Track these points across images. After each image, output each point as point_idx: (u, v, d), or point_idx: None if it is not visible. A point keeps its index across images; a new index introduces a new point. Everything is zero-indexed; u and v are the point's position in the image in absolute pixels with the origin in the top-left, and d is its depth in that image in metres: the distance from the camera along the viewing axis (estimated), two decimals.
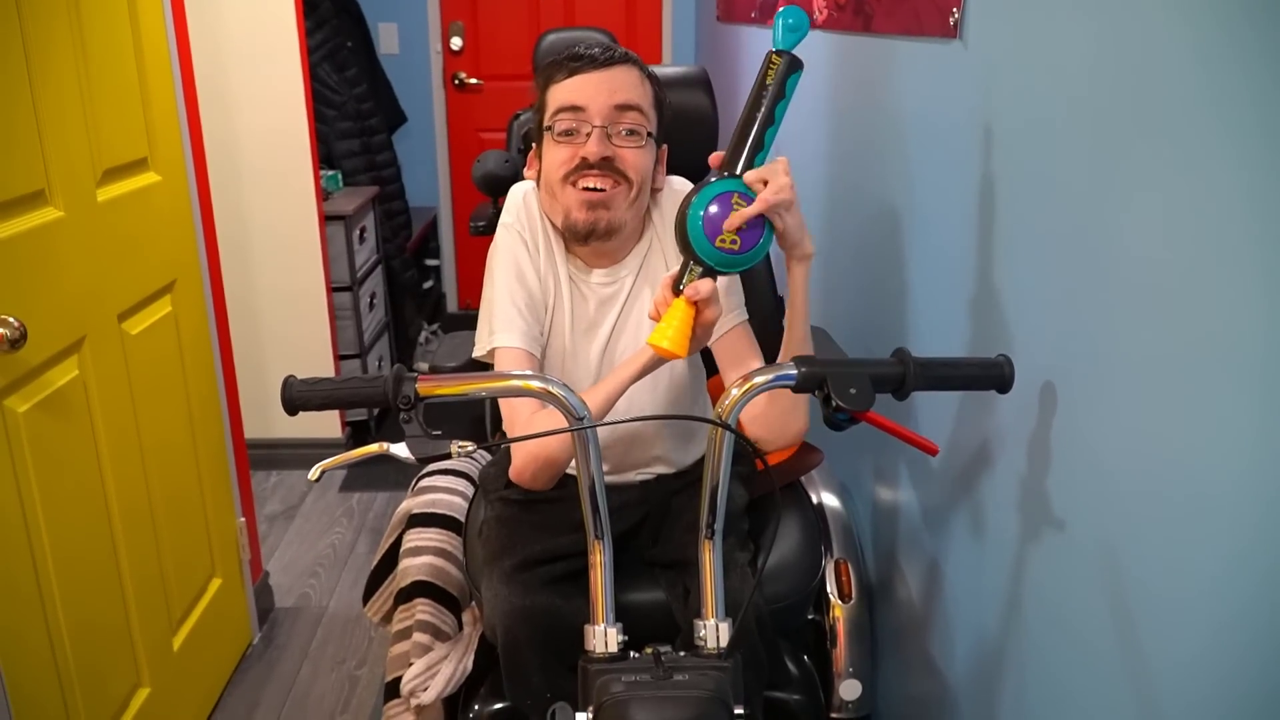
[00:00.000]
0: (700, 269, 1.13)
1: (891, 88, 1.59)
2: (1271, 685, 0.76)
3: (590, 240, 1.38)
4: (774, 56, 1.12)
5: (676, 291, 1.14)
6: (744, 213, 1.09)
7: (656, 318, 1.15)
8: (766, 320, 1.58)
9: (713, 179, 1.12)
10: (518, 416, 1.34)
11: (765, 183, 1.11)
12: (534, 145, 1.43)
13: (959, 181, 1.29)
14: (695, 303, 1.13)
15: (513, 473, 1.33)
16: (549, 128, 1.36)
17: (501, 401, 1.47)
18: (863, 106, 1.75)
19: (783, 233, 1.14)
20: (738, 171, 1.13)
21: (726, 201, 1.10)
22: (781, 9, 1.12)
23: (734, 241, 1.10)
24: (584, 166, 1.32)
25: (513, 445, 1.35)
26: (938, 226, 1.39)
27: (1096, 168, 0.96)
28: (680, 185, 1.49)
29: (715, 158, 1.17)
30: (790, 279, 1.22)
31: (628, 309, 1.44)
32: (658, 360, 1.25)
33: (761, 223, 1.11)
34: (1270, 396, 0.73)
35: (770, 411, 1.33)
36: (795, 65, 1.12)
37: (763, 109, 1.12)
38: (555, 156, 1.35)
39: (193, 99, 2.04)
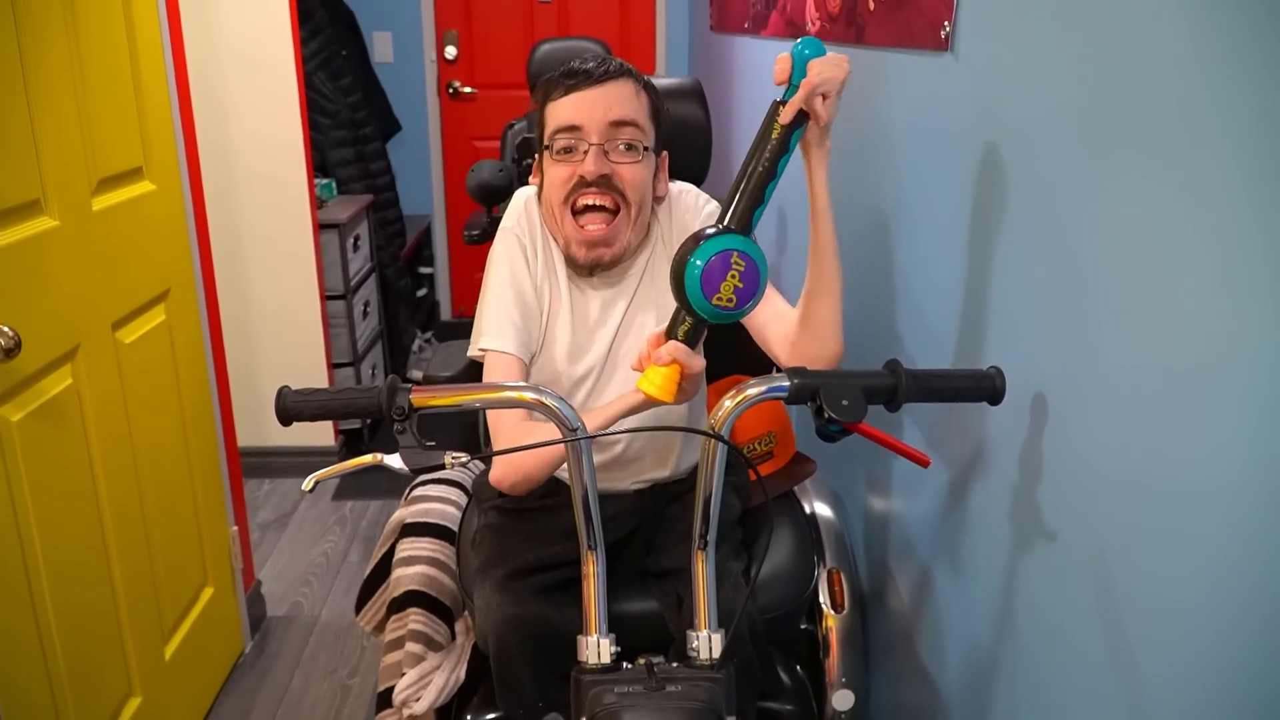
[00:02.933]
0: (692, 320, 1.13)
1: (883, 99, 1.60)
2: (1262, 693, 0.76)
3: (595, 274, 1.41)
4: (778, 109, 1.11)
5: (667, 337, 1.14)
6: (793, 102, 1.09)
7: (639, 369, 1.16)
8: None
9: (710, 231, 1.10)
10: (503, 423, 1.35)
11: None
12: (535, 156, 1.44)
13: (950, 193, 1.30)
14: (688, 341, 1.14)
15: (493, 478, 1.34)
16: (548, 146, 1.37)
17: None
18: (854, 118, 1.75)
19: (825, 122, 1.12)
20: (733, 224, 1.11)
21: (726, 260, 1.07)
22: (796, 57, 1.11)
23: (730, 300, 1.08)
24: (582, 185, 1.34)
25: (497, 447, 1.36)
26: (929, 238, 1.40)
27: (1087, 179, 0.97)
28: (684, 190, 1.49)
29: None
30: (814, 185, 1.19)
31: (632, 313, 1.45)
32: (645, 404, 1.23)
33: (756, 279, 1.09)
34: (1261, 405, 0.74)
35: (805, 332, 1.29)
36: (801, 119, 1.12)
37: (765, 163, 1.11)
38: (555, 176, 1.36)
39: (188, 108, 2.04)
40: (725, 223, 1.11)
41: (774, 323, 1.34)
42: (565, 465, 1.16)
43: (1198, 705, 0.83)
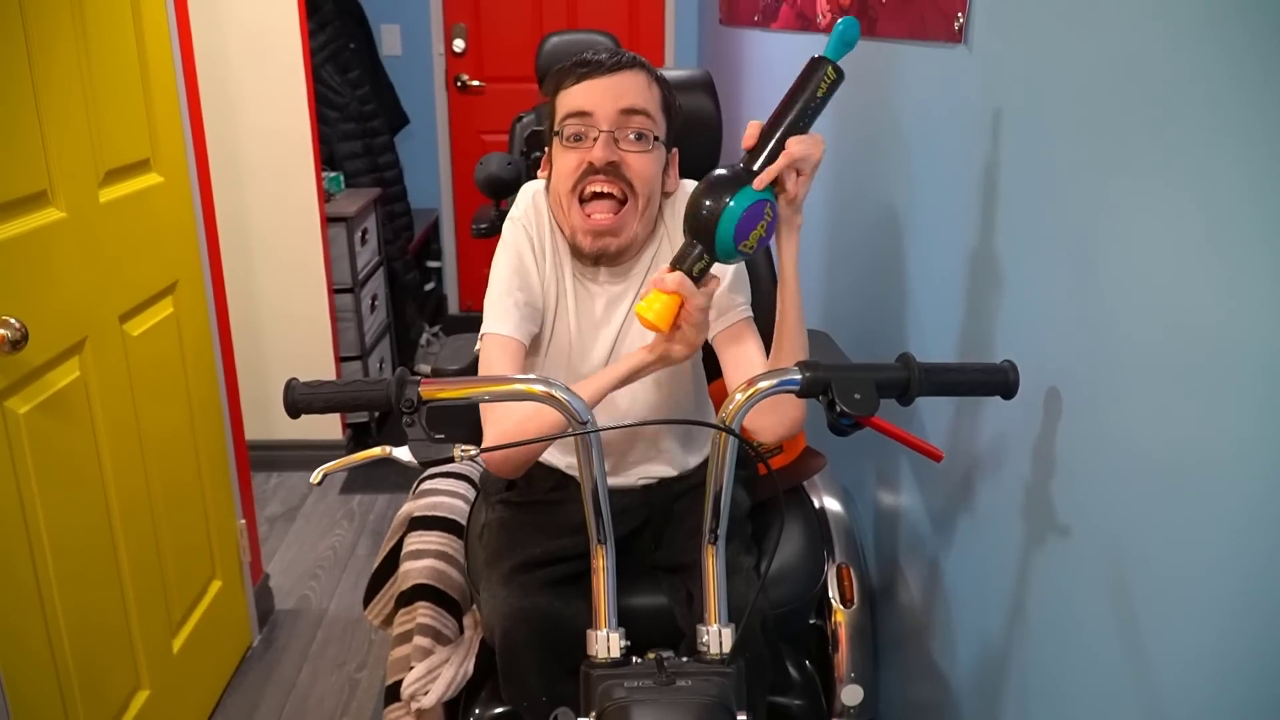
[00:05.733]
0: (708, 259, 1.14)
1: (896, 92, 1.59)
2: (1276, 691, 0.75)
3: (600, 264, 1.40)
4: (830, 70, 1.12)
5: (674, 267, 1.14)
6: (768, 172, 1.11)
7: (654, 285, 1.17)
8: (768, 318, 1.58)
9: (742, 171, 1.13)
10: (495, 405, 1.34)
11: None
12: (545, 149, 1.43)
13: (963, 185, 1.29)
14: (695, 278, 1.14)
15: (484, 456, 1.33)
16: (558, 133, 1.36)
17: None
18: (867, 110, 1.74)
19: (797, 200, 1.15)
20: (756, 167, 1.13)
21: (760, 210, 1.11)
22: (842, 21, 1.12)
23: (751, 246, 1.12)
24: (591, 171, 1.33)
25: (484, 431, 1.35)
26: (942, 230, 1.39)
27: (1101, 171, 0.96)
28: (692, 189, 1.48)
29: (751, 136, 1.15)
30: (784, 258, 1.21)
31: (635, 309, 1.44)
32: (650, 365, 1.24)
33: (774, 227, 1.13)
34: (1275, 397, 0.73)
35: (764, 404, 1.31)
36: (840, 79, 1.14)
37: (804, 116, 1.13)
38: (564, 163, 1.35)
39: (195, 100, 2.04)
40: (757, 168, 1.13)
41: (739, 368, 1.36)
42: (573, 460, 1.16)
43: (1211, 700, 0.82)
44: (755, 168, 1.13)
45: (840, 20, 1.12)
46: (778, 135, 1.13)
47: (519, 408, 1.30)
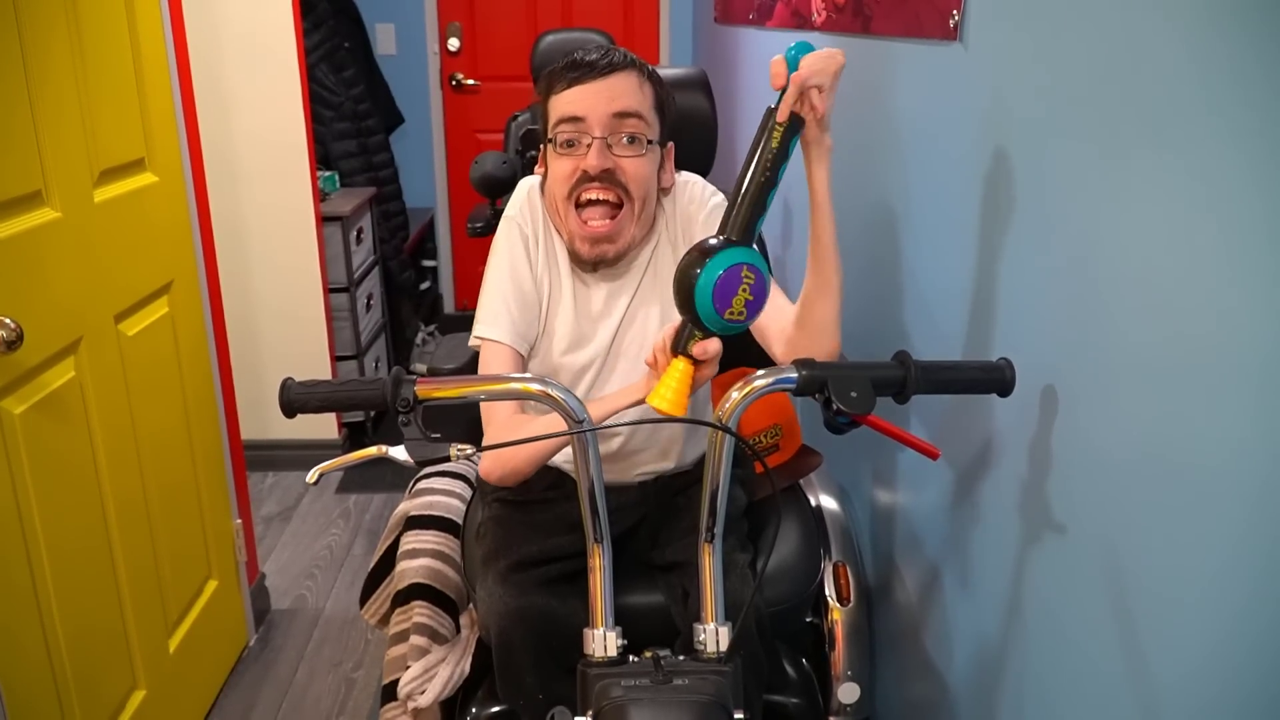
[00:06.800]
0: (700, 334, 1.11)
1: (890, 90, 1.59)
2: (1274, 691, 0.75)
3: (598, 269, 1.41)
4: (775, 115, 1.10)
5: (675, 352, 1.12)
6: (787, 98, 1.08)
7: (653, 365, 1.16)
8: None
9: (714, 244, 1.08)
10: (496, 415, 1.34)
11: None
12: (540, 148, 1.43)
13: (959, 184, 1.29)
14: (698, 360, 1.12)
15: (481, 470, 1.34)
16: (551, 139, 1.36)
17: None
18: (862, 108, 1.74)
19: (821, 117, 1.11)
20: (735, 235, 1.09)
21: (737, 275, 1.06)
22: (790, 60, 1.09)
23: (741, 313, 1.08)
24: (585, 179, 1.33)
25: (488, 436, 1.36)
26: (938, 229, 1.39)
27: (1097, 170, 0.96)
28: (690, 180, 1.48)
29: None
30: (814, 182, 1.18)
31: (636, 305, 1.44)
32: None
33: (764, 290, 1.08)
34: (1272, 396, 0.73)
35: (801, 331, 1.28)
36: (797, 125, 1.11)
37: (765, 172, 1.09)
38: (558, 170, 1.35)
39: (190, 99, 2.03)
40: (728, 234, 1.10)
41: (773, 318, 1.32)
42: (570, 457, 1.16)
43: (1208, 702, 0.82)
44: (728, 233, 1.09)
45: (791, 46, 1.10)
46: (739, 191, 1.10)
47: (519, 421, 1.30)
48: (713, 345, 1.11)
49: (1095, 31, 0.96)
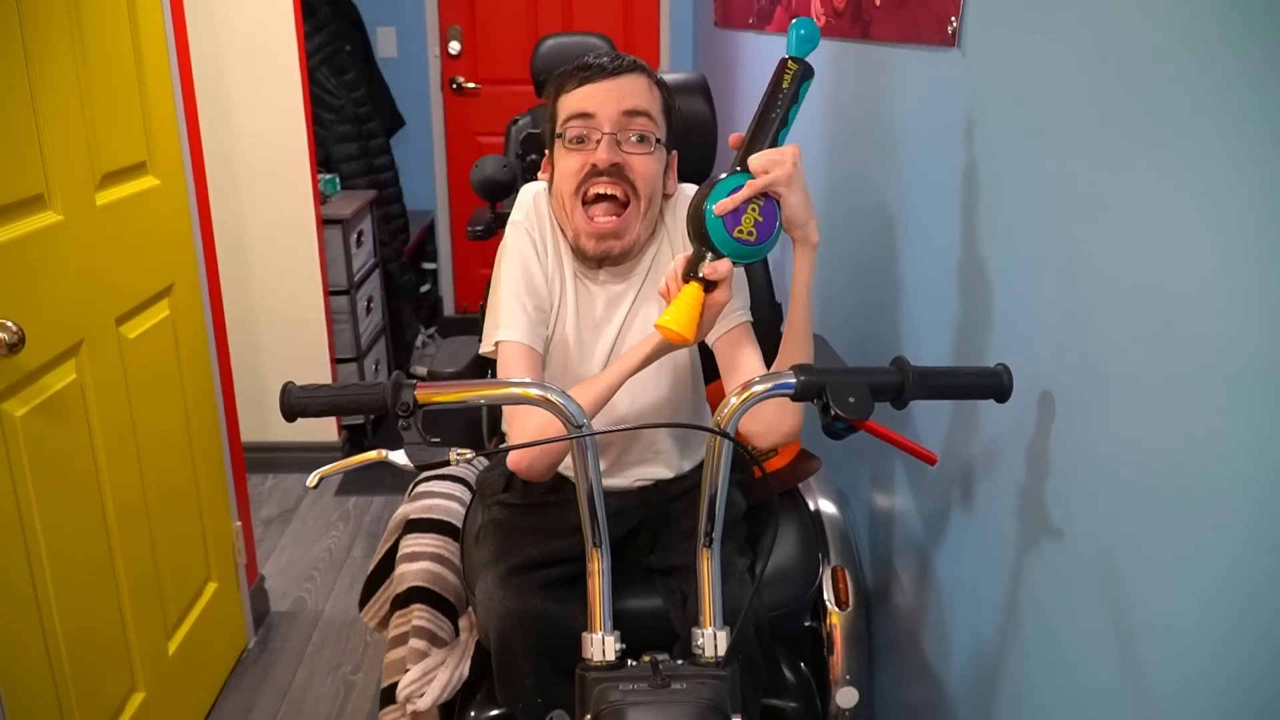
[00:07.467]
0: (712, 255, 1.15)
1: (889, 95, 1.59)
2: (1269, 695, 0.76)
3: (602, 265, 1.41)
4: (790, 63, 1.17)
5: (687, 278, 1.14)
6: (738, 195, 1.12)
7: (666, 295, 1.17)
8: (763, 326, 1.58)
9: (723, 175, 1.15)
10: (518, 411, 1.34)
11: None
12: (545, 152, 1.44)
13: (956, 189, 1.30)
14: (709, 284, 1.14)
15: (510, 461, 1.34)
16: (560, 135, 1.37)
17: None
18: (860, 114, 1.75)
19: (787, 216, 1.17)
20: (745, 166, 1.16)
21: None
22: (795, 21, 1.17)
23: (750, 232, 1.13)
24: (594, 173, 1.33)
25: (511, 431, 1.36)
26: (937, 234, 1.39)
27: (1094, 176, 0.96)
28: (691, 192, 1.49)
29: (735, 138, 1.21)
30: (796, 271, 1.24)
31: (635, 308, 1.45)
32: (651, 356, 1.25)
33: (775, 213, 1.15)
34: (1269, 402, 0.73)
35: (763, 408, 1.31)
36: (808, 73, 1.18)
37: (778, 110, 1.17)
38: (567, 165, 1.36)
39: (191, 103, 2.04)
40: (737, 164, 1.17)
41: (737, 373, 1.36)
42: (570, 462, 1.16)
43: (1204, 704, 0.82)
44: (742, 165, 1.16)
45: (794, 21, 1.18)
46: (756, 127, 1.18)
47: (538, 414, 1.30)
48: (723, 265, 1.13)
49: (1093, 38, 0.96)
